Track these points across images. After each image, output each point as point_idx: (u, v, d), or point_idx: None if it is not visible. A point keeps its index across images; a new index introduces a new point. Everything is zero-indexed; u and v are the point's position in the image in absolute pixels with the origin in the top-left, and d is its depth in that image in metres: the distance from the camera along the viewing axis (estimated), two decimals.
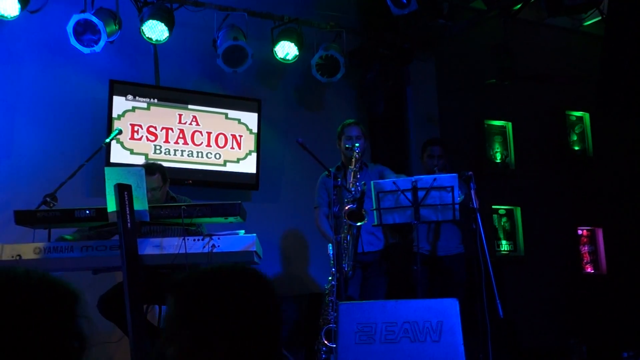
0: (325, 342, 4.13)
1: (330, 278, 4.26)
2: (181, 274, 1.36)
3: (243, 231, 4.15)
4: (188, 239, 3.96)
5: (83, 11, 5.11)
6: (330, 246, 4.31)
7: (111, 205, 3.89)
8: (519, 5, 5.73)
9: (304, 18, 6.02)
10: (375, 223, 4.36)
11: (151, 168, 4.34)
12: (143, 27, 5.27)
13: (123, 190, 3.85)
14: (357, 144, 4.53)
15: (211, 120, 5.67)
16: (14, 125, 5.18)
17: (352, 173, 4.46)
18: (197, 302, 1.28)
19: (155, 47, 5.59)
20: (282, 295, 5.51)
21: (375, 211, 4.31)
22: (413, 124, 6.44)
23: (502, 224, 6.97)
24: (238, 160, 5.74)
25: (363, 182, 4.31)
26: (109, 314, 4.19)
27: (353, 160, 4.51)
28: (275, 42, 5.80)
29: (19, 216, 4.06)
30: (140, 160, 5.30)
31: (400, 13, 5.73)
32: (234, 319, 1.28)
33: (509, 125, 7.20)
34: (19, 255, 3.93)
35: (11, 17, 4.90)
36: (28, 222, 4.12)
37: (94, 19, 5.07)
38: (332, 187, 4.29)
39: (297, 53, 5.82)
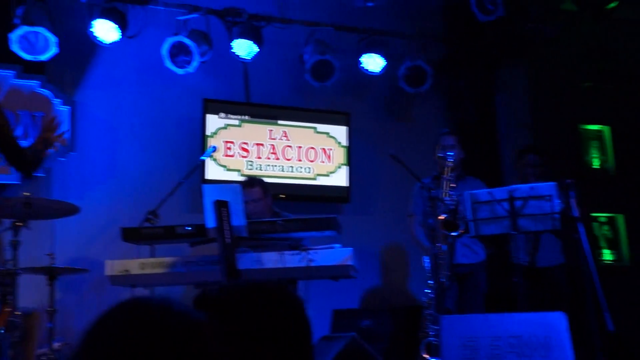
0: (425, 356, 4.07)
1: (427, 291, 4.21)
2: (213, 289, 1.37)
3: (339, 245, 4.16)
4: (285, 254, 4.02)
5: (176, 34, 5.29)
6: (426, 258, 4.27)
7: (210, 222, 4.00)
8: (613, 4, 5.52)
9: (389, 29, 6.02)
10: (472, 234, 4.28)
11: (252, 181, 4.54)
12: (233, 46, 5.40)
13: (221, 207, 3.94)
14: (450, 153, 4.48)
15: (301, 135, 5.74)
16: (116, 145, 5.41)
17: (446, 182, 4.40)
18: (228, 318, 1.29)
19: (245, 65, 5.72)
20: (377, 308, 5.50)
21: (471, 222, 4.23)
22: (504, 132, 6.30)
23: (603, 232, 6.70)
24: (329, 174, 5.78)
25: (458, 194, 4.25)
26: None
27: (446, 169, 4.46)
28: (361, 55, 5.82)
29: (125, 233, 4.22)
30: (234, 176, 5.42)
31: (487, 19, 5.64)
32: (262, 335, 1.28)
33: (607, 129, 6.92)
34: (127, 271, 4.08)
35: (111, 43, 5.13)
36: (133, 239, 4.27)
37: (187, 41, 5.25)
38: (427, 199, 4.25)
39: (384, 64, 5.83)
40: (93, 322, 1.02)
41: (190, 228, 4.24)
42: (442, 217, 4.24)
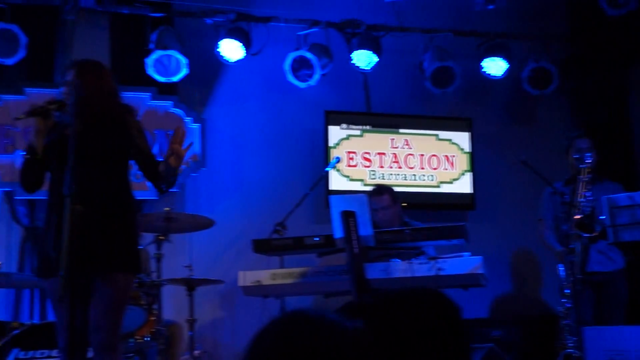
0: None
1: (564, 300, 4.05)
2: (369, 296, 1.35)
3: (469, 253, 4.09)
4: (414, 263, 4.00)
5: (297, 49, 5.42)
6: (560, 266, 4.11)
7: (338, 232, 4.05)
8: None
9: (510, 31, 5.87)
10: (610, 241, 4.08)
11: (380, 189, 4.61)
12: (353, 57, 5.47)
13: (348, 217, 3.99)
14: (587, 154, 4.30)
15: (423, 143, 5.70)
16: (243, 160, 5.60)
17: (582, 184, 4.21)
18: (386, 326, 1.27)
19: (365, 75, 5.76)
20: (508, 318, 5.35)
21: (609, 228, 4.03)
22: (638, 132, 5.96)
23: None
24: (452, 181, 5.70)
25: (594, 198, 4.06)
26: None
27: (583, 171, 4.27)
28: (482, 59, 5.71)
29: (256, 245, 4.36)
30: (357, 186, 5.47)
31: (616, 14, 5.37)
32: (420, 342, 1.25)
33: None
34: (259, 281, 4.20)
35: (236, 61, 5.33)
36: (264, 250, 4.40)
37: (308, 55, 5.37)
38: (560, 204, 4.10)
39: (506, 67, 5.69)
40: (255, 335, 1.06)
41: (318, 239, 4.31)
42: (577, 217, 4.06)
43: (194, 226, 4.27)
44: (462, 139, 5.75)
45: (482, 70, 5.72)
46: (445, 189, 5.69)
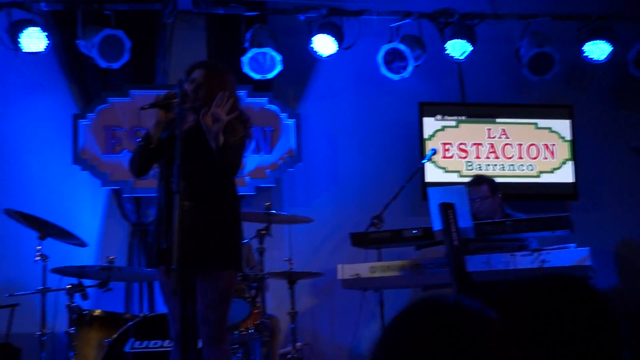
0: None
1: None
2: (504, 285, 1.28)
3: (574, 244, 3.96)
4: (516, 255, 3.91)
5: (390, 41, 5.39)
6: None
7: (437, 224, 4.01)
8: None
9: (613, 12, 5.61)
10: None
11: (478, 179, 4.57)
12: (447, 47, 5.38)
13: (447, 209, 3.94)
14: None
15: (521, 132, 5.55)
16: (338, 154, 5.63)
17: None
18: (527, 317, 1.20)
19: (459, 65, 5.66)
20: (619, 313, 5.13)
21: None
22: None
23: None
24: (553, 170, 5.52)
25: None
26: None
27: None
28: (583, 43, 5.49)
29: (354, 238, 4.39)
30: (454, 177, 5.39)
31: None
32: (563, 336, 1.16)
33: None
34: (357, 274, 4.23)
35: (329, 56, 5.36)
36: (362, 244, 4.42)
37: (401, 47, 5.33)
38: None
39: (610, 51, 5.45)
40: (389, 322, 1.04)
41: (416, 231, 4.29)
42: None
43: (293, 220, 4.34)
44: (563, 126, 5.55)
45: (584, 54, 5.50)
46: (546, 178, 5.51)
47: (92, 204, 5.28)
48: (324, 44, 5.33)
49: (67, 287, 3.82)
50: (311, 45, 5.31)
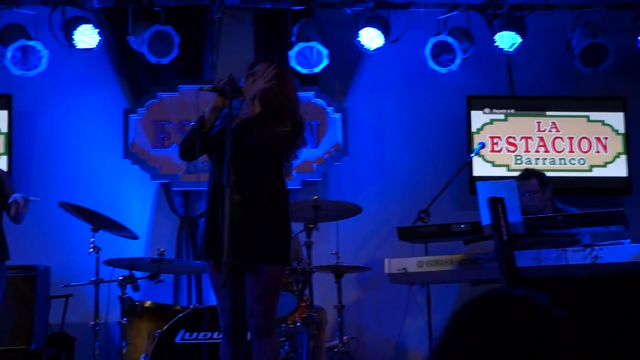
0: None
1: None
2: (565, 283, 1.24)
3: (628, 240, 3.87)
4: (568, 250, 3.84)
5: (438, 34, 5.33)
6: None
7: (485, 219, 3.96)
8: None
9: None
10: None
11: (528, 173, 4.48)
12: (496, 39, 5.30)
13: (496, 204, 3.89)
14: None
15: (572, 125, 5.44)
16: (384, 147, 5.61)
17: None
18: (597, 318, 1.16)
19: (508, 58, 5.57)
20: None
21: None
22: None
23: None
24: (605, 164, 5.40)
25: None
26: None
27: None
28: (638, 34, 5.34)
29: (401, 232, 4.36)
30: (502, 172, 5.32)
31: None
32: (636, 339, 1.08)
33: None
34: (405, 269, 4.21)
35: (375, 49, 5.33)
36: (409, 238, 4.40)
37: (449, 39, 5.26)
38: None
39: None
40: (453, 314, 1.03)
41: (465, 226, 4.24)
42: None
43: (341, 213, 4.34)
44: (616, 119, 5.42)
45: (639, 45, 5.35)
46: (598, 172, 5.39)
47: (141, 197, 5.38)
48: (370, 38, 5.31)
49: (120, 278, 3.90)
50: (358, 39, 5.29)
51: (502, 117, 5.46)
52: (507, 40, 5.32)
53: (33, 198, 3.65)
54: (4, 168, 4.57)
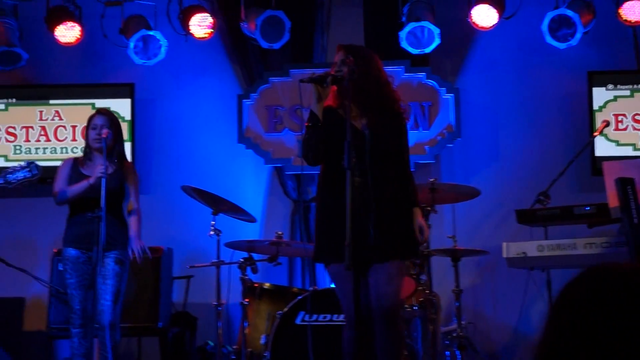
0: None
1: None
2: None
3: None
4: None
5: (556, 7, 5.09)
6: None
7: (613, 201, 3.77)
8: None
9: None
10: None
11: None
12: (621, 11, 5.00)
13: (625, 185, 3.69)
14: None
15: None
16: (498, 128, 5.44)
17: None
18: None
19: (634, 30, 5.24)
20: None
21: None
22: None
23: None
24: None
25: None
26: None
27: None
28: None
29: (520, 215, 4.24)
30: (628, 151, 5.05)
31: None
32: None
33: None
34: (524, 253, 4.07)
35: (488, 27, 5.16)
36: (528, 221, 4.27)
37: (569, 13, 5.01)
38: None
39: None
40: (564, 286, 1.03)
41: (589, 208, 4.08)
42: None
43: (457, 196, 4.25)
44: None
45: None
46: None
47: (255, 181, 5.49)
48: (483, 15, 5.13)
49: (240, 260, 4.00)
50: (470, 17, 5.14)
51: (627, 93, 5.16)
52: (635, 11, 5.00)
53: (147, 253, 3.78)
54: (128, 155, 4.76)
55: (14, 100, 5.38)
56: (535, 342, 1.05)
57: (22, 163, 3.45)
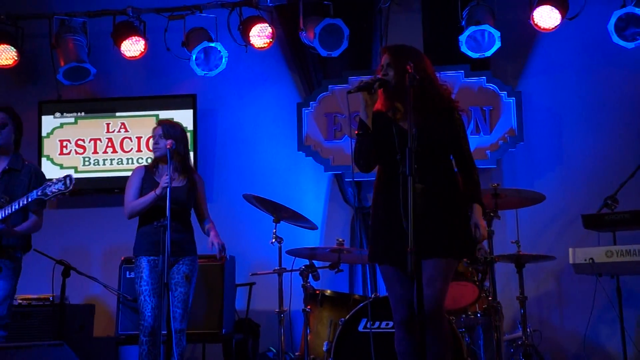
0: None
1: None
2: None
3: None
4: None
5: (623, 6, 4.94)
6: None
7: None
8: None
9: None
10: None
11: None
12: None
13: None
14: None
15: None
16: (562, 131, 5.32)
17: None
18: None
19: None
20: None
21: None
22: None
23: None
24: None
25: None
26: None
27: None
28: None
29: (587, 220, 4.13)
30: None
31: None
32: None
33: None
34: (592, 259, 3.96)
35: (550, 28, 5.06)
36: (596, 226, 4.15)
37: (637, 10, 4.87)
38: None
39: None
40: None
41: None
42: None
43: (521, 201, 4.17)
44: None
45: None
46: None
47: (315, 188, 5.52)
48: (545, 16, 5.04)
49: (302, 267, 4.02)
50: (532, 19, 5.04)
51: None
52: None
53: (224, 254, 3.89)
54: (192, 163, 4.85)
55: (82, 113, 5.58)
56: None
57: (60, 177, 3.58)
